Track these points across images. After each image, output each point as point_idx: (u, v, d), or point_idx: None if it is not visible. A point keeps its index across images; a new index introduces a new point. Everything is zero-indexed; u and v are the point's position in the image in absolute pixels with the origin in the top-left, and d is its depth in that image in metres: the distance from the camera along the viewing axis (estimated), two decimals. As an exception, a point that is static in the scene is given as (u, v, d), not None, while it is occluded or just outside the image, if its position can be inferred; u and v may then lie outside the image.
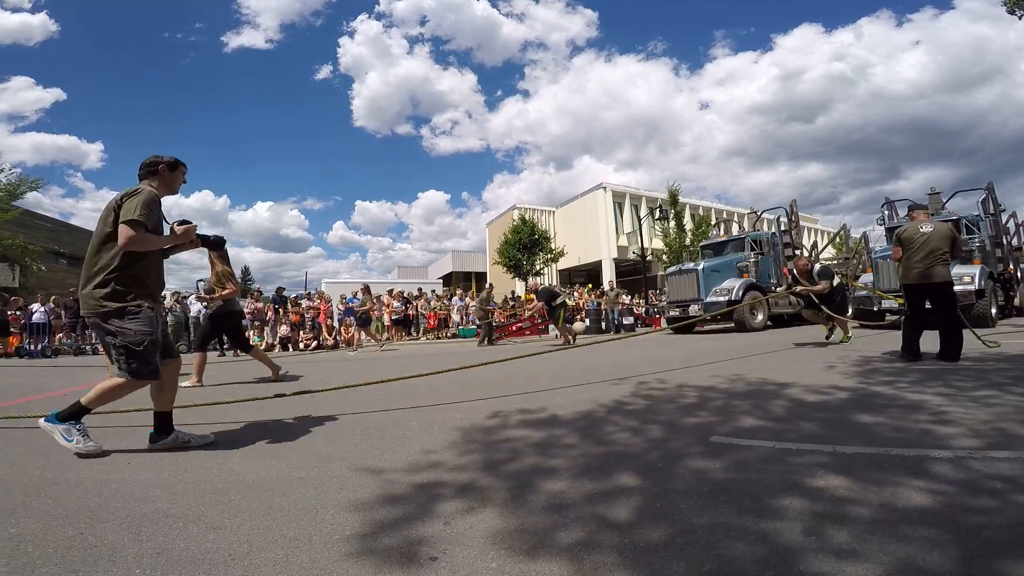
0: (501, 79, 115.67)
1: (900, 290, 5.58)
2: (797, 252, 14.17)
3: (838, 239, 19.61)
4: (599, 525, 1.60)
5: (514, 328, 14.75)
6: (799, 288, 7.77)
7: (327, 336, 14.16)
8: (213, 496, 1.96)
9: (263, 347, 13.25)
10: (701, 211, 34.22)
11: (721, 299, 12.12)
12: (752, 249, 13.45)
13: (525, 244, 27.37)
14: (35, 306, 13.31)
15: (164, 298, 8.71)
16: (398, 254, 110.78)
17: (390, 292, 16.84)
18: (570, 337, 10.98)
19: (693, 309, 12.61)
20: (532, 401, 3.79)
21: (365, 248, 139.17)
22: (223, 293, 5.46)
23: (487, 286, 16.40)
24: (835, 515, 1.59)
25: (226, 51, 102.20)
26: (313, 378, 6.01)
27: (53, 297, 14.30)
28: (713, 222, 26.42)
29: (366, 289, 12.82)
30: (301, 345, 13.53)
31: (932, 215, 11.16)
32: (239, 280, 5.47)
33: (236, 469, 2.33)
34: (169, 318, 14.36)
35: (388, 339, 14.30)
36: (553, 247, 28.49)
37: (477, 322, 14.50)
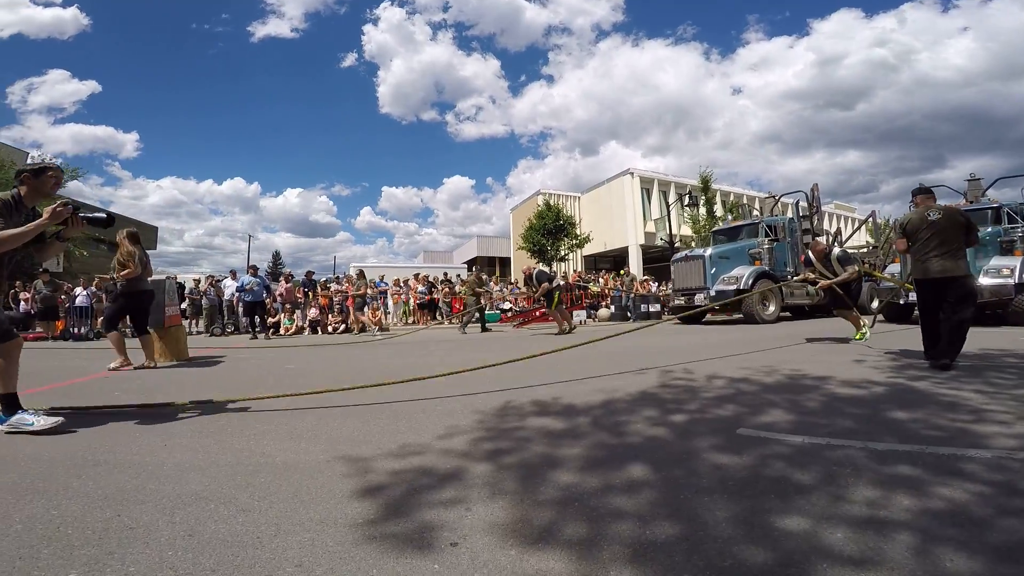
0: (525, 64, 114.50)
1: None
2: (818, 239, 13.35)
3: (865, 227, 18.45)
4: (615, 518, 1.59)
5: (538, 314, 14.70)
6: (816, 278, 7.05)
7: (355, 319, 14.38)
8: (243, 478, 2.02)
9: (292, 330, 13.57)
10: (732, 197, 33.41)
11: (729, 287, 11.30)
12: (767, 235, 12.51)
13: (550, 229, 27.25)
14: (78, 290, 13.85)
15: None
16: (424, 239, 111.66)
17: (416, 276, 17.00)
18: (567, 324, 10.45)
19: (699, 298, 11.82)
20: (554, 391, 3.79)
21: (392, 233, 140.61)
22: (123, 274, 5.77)
23: (474, 269, 15.81)
24: (863, 514, 1.55)
25: (252, 41, 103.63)
26: (361, 365, 6.13)
27: (96, 280, 14.85)
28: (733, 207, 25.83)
29: (361, 274, 12.70)
30: (329, 328, 13.79)
31: (971, 202, 10.58)
32: (143, 263, 5.80)
33: (266, 451, 2.40)
34: (204, 301, 14.82)
35: (383, 326, 14.02)
36: (579, 233, 28.29)
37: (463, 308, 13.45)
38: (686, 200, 23.65)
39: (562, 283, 11.32)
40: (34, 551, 1.40)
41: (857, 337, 6.71)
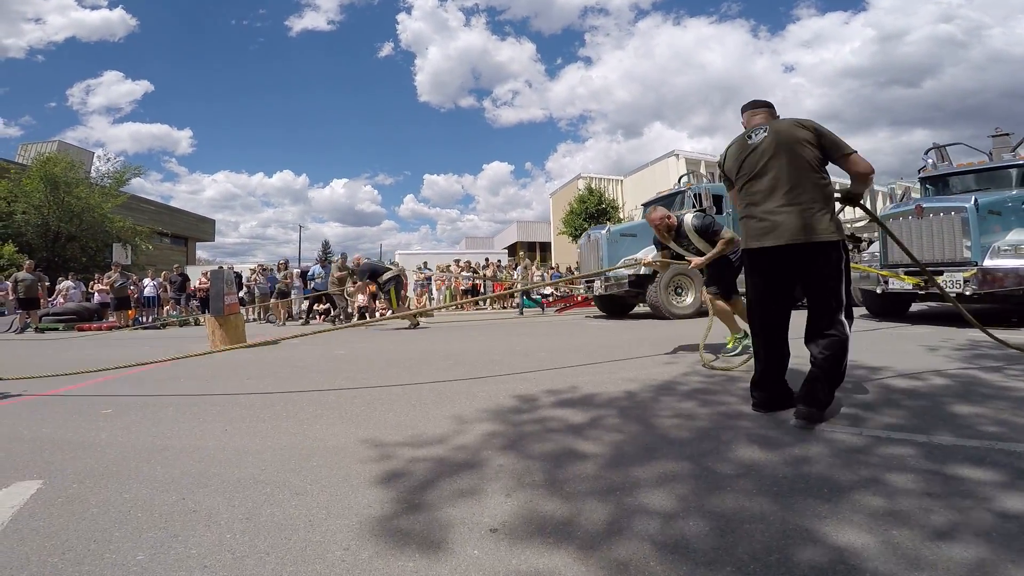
0: (561, 47, 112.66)
1: (915, 264, 3.49)
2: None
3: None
4: (653, 511, 1.58)
5: (579, 299, 14.55)
6: (666, 262, 5.18)
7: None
8: (297, 462, 2.12)
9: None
10: None
11: (625, 272, 8.86)
12: (695, 206, 8.93)
13: (592, 214, 26.91)
14: (146, 281, 14.75)
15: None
16: (465, 225, 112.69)
17: (457, 262, 17.22)
18: (413, 319, 9.49)
19: (597, 286, 9.73)
20: (579, 378, 3.76)
21: (435, 220, 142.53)
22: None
23: (340, 255, 14.25)
24: (918, 515, 1.48)
25: (291, 35, 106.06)
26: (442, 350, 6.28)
27: (164, 272, 15.73)
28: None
29: (344, 259, 12.33)
30: (377, 314, 14.14)
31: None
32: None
33: (318, 436, 2.50)
34: (256, 291, 15.45)
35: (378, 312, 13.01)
36: (622, 216, 27.83)
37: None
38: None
39: (400, 276, 9.83)
40: (107, 534, 1.52)
41: (729, 344, 4.56)
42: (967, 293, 5.98)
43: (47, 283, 13.80)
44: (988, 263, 5.93)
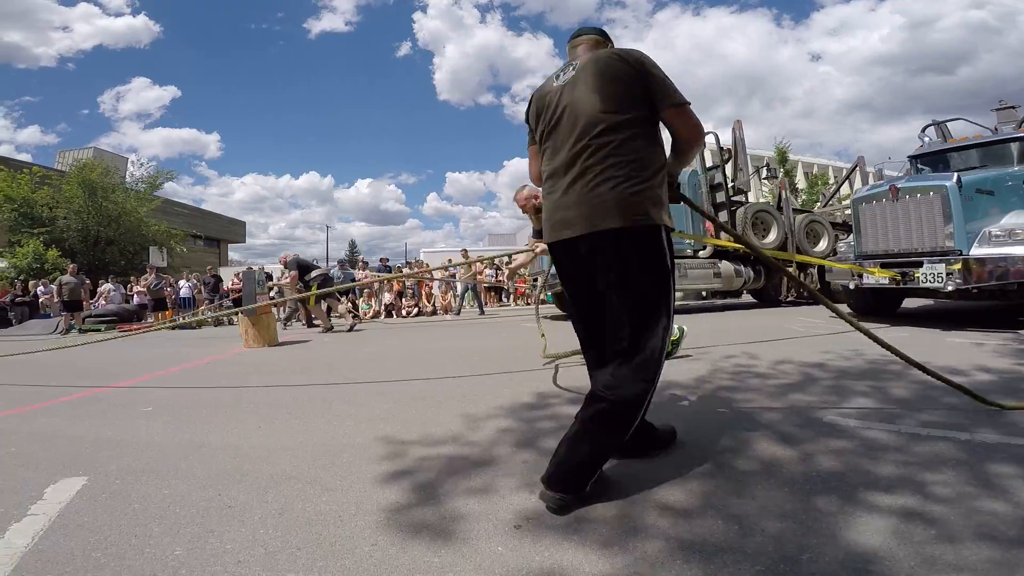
0: None
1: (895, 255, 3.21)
2: (740, 199, 9.93)
3: (853, 177, 12.92)
4: (670, 510, 1.57)
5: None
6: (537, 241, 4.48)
7: (427, 303, 14.84)
8: (328, 458, 2.17)
9: (370, 315, 14.22)
10: (816, 169, 31.06)
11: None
12: None
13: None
14: (182, 283, 15.24)
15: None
16: (488, 222, 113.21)
17: (480, 259, 17.25)
18: (325, 322, 9.26)
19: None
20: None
21: (458, 217, 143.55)
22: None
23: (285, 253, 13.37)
24: (949, 517, 1.43)
25: (310, 38, 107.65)
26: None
27: (195, 274, 16.22)
28: (831, 180, 23.10)
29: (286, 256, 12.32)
30: (403, 312, 14.31)
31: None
32: None
33: (348, 433, 2.56)
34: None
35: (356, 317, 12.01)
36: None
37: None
38: (763, 172, 22.19)
39: (328, 276, 9.79)
40: (147, 529, 1.58)
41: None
42: (949, 289, 5.12)
43: (89, 286, 14.38)
44: (976, 252, 5.04)
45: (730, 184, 9.61)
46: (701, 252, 9.59)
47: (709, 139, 9.40)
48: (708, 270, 9.39)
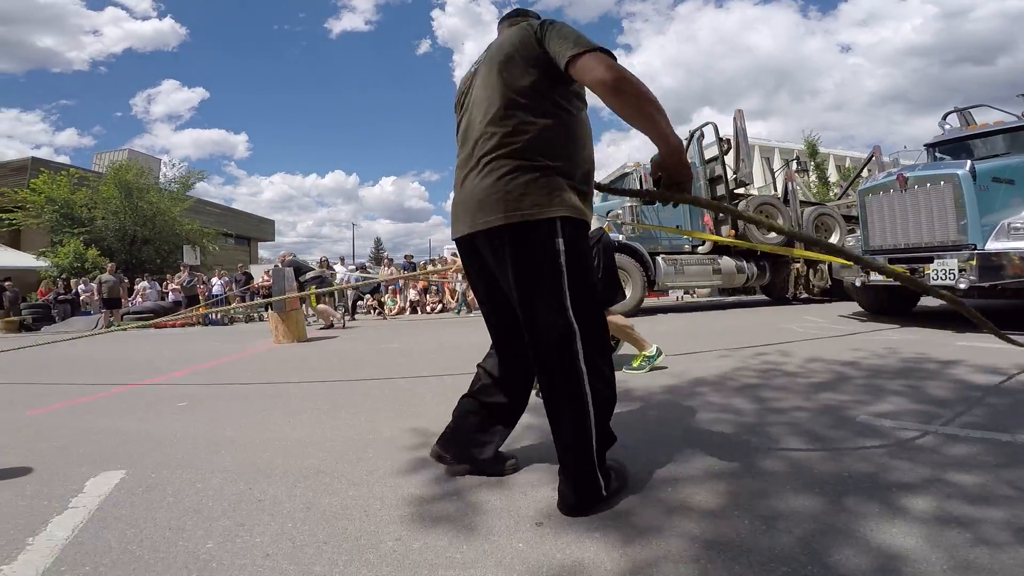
0: (598, 35, 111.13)
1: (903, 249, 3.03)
2: (743, 192, 9.75)
3: (869, 168, 12.09)
4: (694, 509, 1.55)
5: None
6: None
7: (451, 300, 14.93)
8: (355, 453, 2.21)
9: (396, 311, 14.38)
10: (848, 162, 30.11)
11: None
12: (642, 187, 7.35)
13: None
14: (214, 280, 15.65)
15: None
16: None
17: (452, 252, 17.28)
18: (332, 319, 9.75)
19: None
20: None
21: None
22: None
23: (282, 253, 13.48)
24: (981, 520, 1.38)
25: (331, 37, 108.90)
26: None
27: (226, 271, 16.64)
28: (867, 173, 22.19)
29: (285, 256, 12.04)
30: (428, 308, 14.43)
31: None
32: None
33: (375, 428, 2.60)
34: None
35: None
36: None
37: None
38: (794, 166, 21.65)
39: (324, 277, 10.03)
40: (181, 522, 1.63)
41: (635, 363, 3.71)
42: (961, 286, 4.64)
43: (127, 284, 14.89)
44: (992, 246, 4.61)
45: (731, 177, 9.35)
46: (700, 248, 9.30)
47: (707, 130, 9.44)
48: (707, 266, 9.15)
